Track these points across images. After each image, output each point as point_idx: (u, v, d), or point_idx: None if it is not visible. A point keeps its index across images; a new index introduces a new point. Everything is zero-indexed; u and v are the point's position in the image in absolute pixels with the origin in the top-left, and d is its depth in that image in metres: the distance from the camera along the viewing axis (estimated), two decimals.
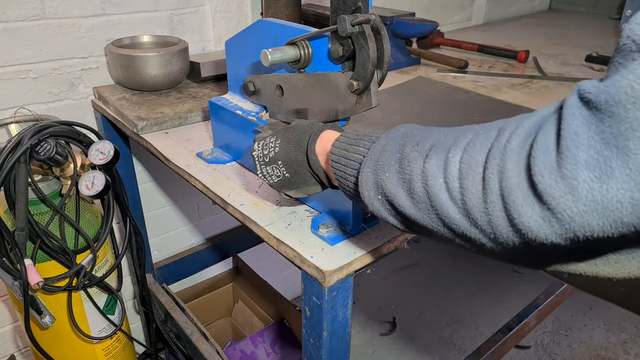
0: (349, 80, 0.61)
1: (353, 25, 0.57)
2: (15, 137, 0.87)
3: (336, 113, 0.66)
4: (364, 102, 0.62)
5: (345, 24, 0.57)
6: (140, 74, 1.12)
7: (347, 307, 0.65)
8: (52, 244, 0.97)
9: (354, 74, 0.60)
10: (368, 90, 0.61)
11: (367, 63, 0.58)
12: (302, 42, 0.66)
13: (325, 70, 0.66)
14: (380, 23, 0.58)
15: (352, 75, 0.61)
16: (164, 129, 1.03)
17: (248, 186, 0.80)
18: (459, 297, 2.16)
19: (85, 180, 0.96)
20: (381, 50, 0.59)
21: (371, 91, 0.61)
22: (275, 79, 0.73)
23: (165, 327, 1.43)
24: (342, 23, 0.57)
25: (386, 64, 0.60)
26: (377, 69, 0.60)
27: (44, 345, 1.05)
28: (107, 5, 1.19)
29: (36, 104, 1.17)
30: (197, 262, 1.65)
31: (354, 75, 0.60)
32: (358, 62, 0.60)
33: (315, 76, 0.67)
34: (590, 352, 1.89)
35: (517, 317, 1.53)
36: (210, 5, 1.36)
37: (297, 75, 0.69)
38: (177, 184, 1.54)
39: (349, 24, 0.56)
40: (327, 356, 0.66)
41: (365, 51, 0.58)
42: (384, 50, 0.59)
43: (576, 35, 1.92)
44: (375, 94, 0.61)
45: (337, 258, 0.62)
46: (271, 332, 1.53)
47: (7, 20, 1.08)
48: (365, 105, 0.62)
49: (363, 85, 0.60)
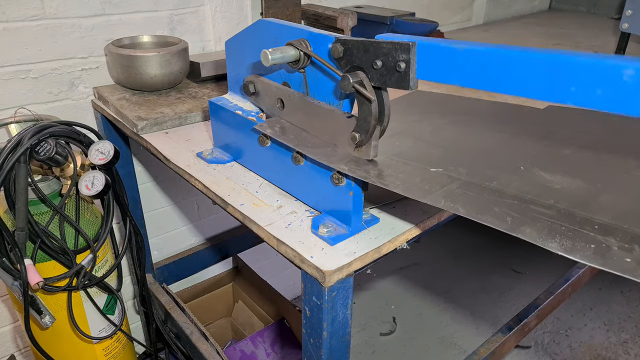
0: (352, 132, 0.62)
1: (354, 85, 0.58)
2: (15, 137, 0.87)
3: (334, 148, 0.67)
4: (363, 152, 0.64)
5: (347, 83, 0.58)
6: (140, 74, 1.12)
7: (347, 307, 0.65)
8: (52, 244, 0.97)
9: (357, 126, 0.62)
10: (368, 144, 0.63)
11: (368, 117, 0.60)
12: (302, 42, 0.66)
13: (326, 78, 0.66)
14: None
15: (355, 127, 0.62)
16: (164, 129, 1.03)
17: (248, 186, 0.80)
18: (459, 297, 2.16)
19: (85, 180, 0.95)
20: (382, 106, 0.60)
21: (371, 145, 0.63)
22: (277, 91, 0.73)
23: (165, 327, 1.43)
24: (345, 82, 0.58)
25: (387, 117, 0.61)
26: (379, 124, 0.61)
27: (44, 345, 1.05)
28: (107, 5, 1.19)
29: (36, 104, 1.17)
30: (197, 262, 1.65)
31: (357, 128, 0.62)
32: (360, 116, 0.61)
33: (319, 109, 0.67)
34: (590, 352, 1.89)
35: (517, 317, 1.53)
36: (210, 5, 1.36)
37: (301, 99, 0.69)
38: (177, 184, 1.54)
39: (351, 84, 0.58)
40: (327, 356, 0.66)
41: (367, 107, 0.60)
42: (384, 106, 0.60)
43: (576, 35, 1.92)
44: (375, 147, 0.63)
45: (337, 258, 0.62)
46: (271, 332, 1.53)
47: (7, 20, 1.08)
48: (363, 154, 0.64)
49: (365, 138, 0.62)
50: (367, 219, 0.70)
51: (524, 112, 0.86)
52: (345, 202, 0.66)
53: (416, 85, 0.56)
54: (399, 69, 0.55)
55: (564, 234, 0.49)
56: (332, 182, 0.66)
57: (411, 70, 0.55)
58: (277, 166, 0.77)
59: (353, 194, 0.64)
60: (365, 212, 0.70)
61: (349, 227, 0.67)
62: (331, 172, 0.66)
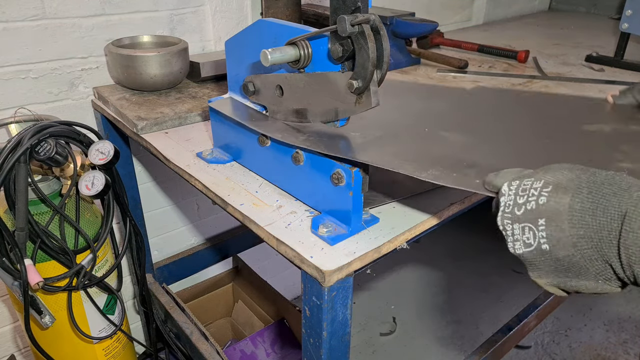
0: (349, 80, 0.61)
1: (352, 25, 0.57)
2: (15, 137, 0.87)
3: (336, 113, 0.66)
4: (363, 102, 0.62)
5: (344, 24, 0.57)
6: (140, 74, 1.12)
7: (347, 307, 0.65)
8: (52, 244, 0.97)
9: (354, 74, 0.60)
10: (368, 90, 0.61)
11: (366, 63, 0.58)
12: (302, 42, 0.66)
13: (325, 70, 0.66)
14: (379, 23, 0.58)
15: (351, 75, 0.61)
16: (163, 129, 1.03)
17: (248, 186, 0.80)
18: (459, 297, 2.16)
19: (85, 180, 0.96)
20: (381, 50, 0.59)
21: (371, 91, 0.61)
22: (275, 79, 0.73)
23: (165, 327, 1.43)
24: (342, 23, 0.57)
25: (386, 63, 0.60)
26: (377, 68, 0.60)
27: (44, 345, 1.05)
28: (107, 5, 1.20)
29: (36, 104, 1.17)
30: (197, 262, 1.65)
31: (354, 75, 0.60)
32: (358, 62, 0.60)
33: (315, 76, 0.67)
34: (590, 352, 1.89)
35: (517, 317, 1.53)
36: (210, 5, 1.36)
37: (297, 76, 0.69)
38: (177, 184, 1.54)
39: (348, 24, 0.56)
40: (327, 356, 0.66)
41: (364, 51, 0.58)
42: (384, 50, 0.59)
43: (576, 35, 1.92)
44: (375, 93, 0.61)
45: (337, 258, 0.62)
46: (271, 332, 1.53)
47: (7, 20, 1.08)
48: (365, 105, 0.62)
49: (363, 85, 0.60)
50: (367, 219, 0.70)
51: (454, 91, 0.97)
52: (345, 202, 0.66)
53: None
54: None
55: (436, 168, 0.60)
56: (331, 182, 0.66)
57: None
58: (276, 166, 0.77)
59: (353, 194, 0.64)
60: (365, 212, 0.70)
61: (348, 227, 0.67)
62: (331, 172, 0.66)
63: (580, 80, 1.33)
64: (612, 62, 1.48)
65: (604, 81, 1.33)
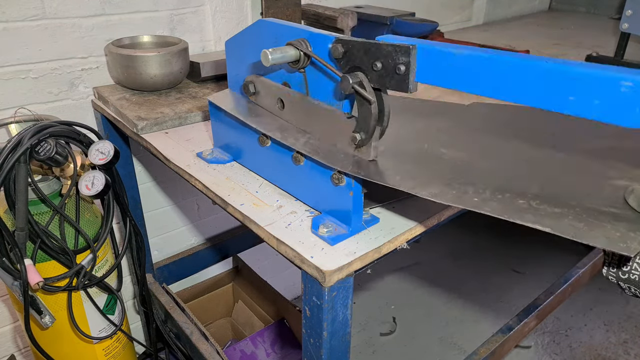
0: (352, 133, 0.62)
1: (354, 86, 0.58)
2: (15, 137, 0.87)
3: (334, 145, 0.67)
4: (363, 152, 0.64)
5: (347, 84, 0.58)
6: (140, 74, 1.12)
7: (347, 307, 0.65)
8: (52, 244, 0.97)
9: (357, 127, 0.62)
10: (369, 145, 0.63)
11: (368, 119, 0.60)
12: (302, 42, 0.66)
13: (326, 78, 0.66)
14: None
15: (355, 128, 0.62)
16: (164, 129, 1.03)
17: (248, 186, 0.80)
18: (459, 297, 2.16)
19: (85, 180, 0.95)
20: (382, 107, 0.60)
21: (371, 146, 0.63)
22: (277, 92, 0.73)
23: (165, 327, 1.43)
24: (345, 82, 0.58)
25: (387, 116, 0.61)
26: (379, 125, 0.61)
27: (44, 345, 1.05)
28: (107, 5, 1.19)
29: (36, 104, 1.17)
30: (197, 262, 1.65)
31: (357, 128, 0.62)
32: (360, 116, 0.61)
33: (319, 109, 0.67)
34: (590, 352, 1.89)
35: (517, 317, 1.53)
36: (210, 5, 1.36)
37: (301, 99, 0.69)
38: (177, 184, 1.54)
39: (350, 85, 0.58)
40: (327, 356, 0.66)
41: (366, 107, 0.60)
42: (384, 106, 0.60)
43: (576, 35, 1.92)
44: (375, 148, 0.63)
45: (337, 258, 0.62)
46: (271, 332, 1.53)
47: (7, 20, 1.08)
48: (364, 155, 0.64)
49: (365, 139, 0.62)
50: (367, 219, 0.70)
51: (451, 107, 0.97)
52: (345, 202, 0.66)
53: (415, 88, 0.56)
54: (399, 71, 0.55)
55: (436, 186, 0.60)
56: (332, 182, 0.66)
57: (411, 73, 0.55)
58: (277, 166, 0.77)
59: (353, 194, 0.64)
60: (365, 212, 0.70)
61: (349, 227, 0.67)
62: (331, 172, 0.66)
63: None
64: (612, 62, 1.48)
65: None
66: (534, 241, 2.54)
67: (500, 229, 2.61)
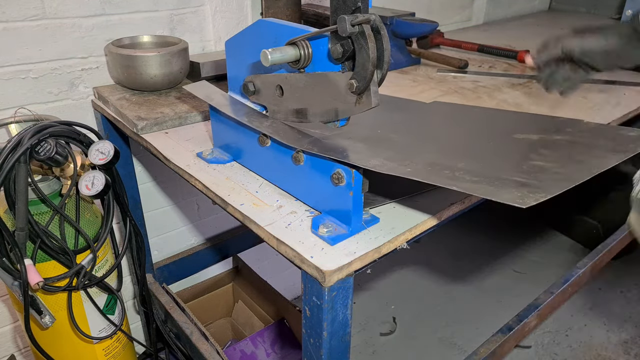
0: (349, 80, 0.61)
1: (353, 25, 0.57)
2: (15, 137, 0.87)
3: (336, 113, 0.66)
4: (363, 102, 0.62)
5: (345, 24, 0.56)
6: (140, 74, 1.12)
7: (347, 307, 0.65)
8: (52, 244, 0.97)
9: (354, 74, 0.60)
10: (368, 90, 0.61)
11: (367, 63, 0.58)
12: (302, 42, 0.66)
13: (325, 70, 0.66)
14: (380, 23, 0.58)
15: (352, 75, 0.60)
16: (164, 129, 1.03)
17: (248, 186, 0.80)
18: (459, 297, 2.16)
19: (85, 180, 0.96)
20: (381, 50, 0.59)
21: (371, 91, 0.61)
22: (275, 79, 0.73)
23: (165, 327, 1.43)
24: (342, 23, 0.57)
25: (386, 63, 0.60)
26: (377, 69, 0.60)
27: (44, 345, 1.05)
28: (107, 5, 1.19)
29: (36, 104, 1.17)
30: (197, 262, 1.65)
31: (354, 75, 0.60)
32: (358, 62, 0.59)
33: (315, 76, 0.67)
34: (590, 352, 1.89)
35: (517, 317, 1.53)
36: (210, 5, 1.36)
37: (297, 76, 0.69)
38: (177, 184, 1.54)
39: (348, 24, 0.56)
40: (327, 356, 0.66)
41: (365, 51, 0.58)
42: (384, 50, 0.59)
43: None
44: (375, 94, 0.61)
45: (337, 258, 0.62)
46: (271, 332, 1.53)
47: (7, 20, 1.08)
48: (365, 105, 0.62)
49: (363, 85, 0.60)
50: (367, 219, 0.70)
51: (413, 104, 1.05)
52: (345, 202, 0.66)
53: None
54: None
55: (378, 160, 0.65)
56: (332, 182, 0.66)
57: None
58: (277, 166, 0.77)
59: (353, 194, 0.64)
60: (365, 212, 0.70)
61: (349, 227, 0.67)
62: (331, 171, 0.66)
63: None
64: None
65: (603, 81, 1.33)
66: (534, 241, 2.54)
67: (500, 230, 2.61)
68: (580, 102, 1.17)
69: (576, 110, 1.12)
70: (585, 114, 1.10)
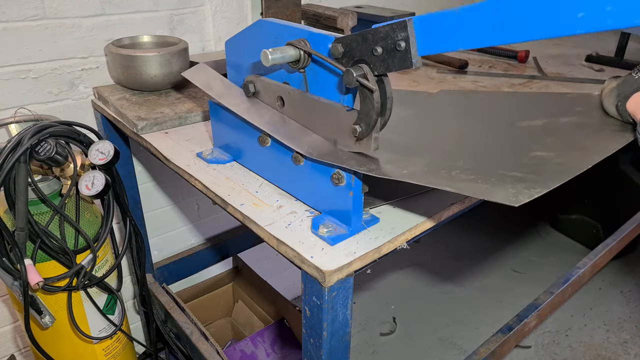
0: (352, 125, 0.62)
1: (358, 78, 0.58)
2: (15, 137, 0.87)
3: (334, 141, 0.67)
4: (363, 144, 0.63)
5: (351, 76, 0.57)
6: (140, 74, 1.12)
7: (347, 307, 0.65)
8: (52, 244, 0.97)
9: (358, 119, 0.61)
10: (369, 136, 0.62)
11: (371, 112, 0.59)
12: (302, 42, 0.66)
13: (325, 74, 0.66)
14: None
15: (356, 120, 0.61)
16: (164, 129, 1.03)
17: (248, 186, 0.80)
18: (459, 297, 2.16)
19: (85, 180, 0.96)
20: (384, 98, 0.60)
21: (372, 137, 0.62)
22: (277, 89, 0.73)
23: (165, 327, 1.43)
24: (349, 75, 0.57)
25: (389, 110, 0.61)
26: (380, 116, 0.61)
27: (44, 345, 1.05)
28: (107, 5, 1.19)
29: (36, 104, 1.17)
30: (197, 262, 1.65)
31: (358, 120, 0.61)
32: (362, 110, 0.60)
33: (319, 104, 0.67)
34: (590, 352, 1.89)
35: (517, 317, 1.53)
36: (210, 5, 1.36)
37: (301, 94, 0.69)
38: (177, 184, 1.54)
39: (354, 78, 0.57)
40: (327, 356, 0.66)
41: (369, 101, 0.59)
42: (387, 98, 0.60)
43: (576, 35, 1.92)
44: (376, 140, 0.62)
45: (337, 258, 0.62)
46: (271, 332, 1.53)
47: (7, 20, 1.08)
48: (364, 147, 0.63)
49: (366, 132, 0.61)
50: (367, 219, 0.70)
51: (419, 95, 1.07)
52: (345, 202, 0.66)
53: (420, 63, 0.55)
54: (399, 47, 0.54)
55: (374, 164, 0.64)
56: (332, 182, 0.66)
57: (412, 47, 0.54)
58: (277, 166, 0.77)
59: (353, 194, 0.64)
60: (365, 212, 0.70)
61: (349, 227, 0.67)
62: (331, 172, 0.66)
63: (580, 80, 1.33)
64: (612, 62, 1.48)
65: (604, 81, 1.33)
66: (534, 241, 2.54)
67: (500, 229, 2.61)
68: None
69: None
70: None
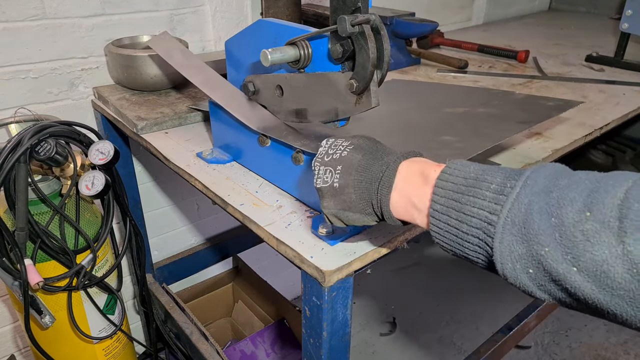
0: (349, 80, 0.60)
1: (353, 26, 0.57)
2: (15, 137, 0.87)
3: (336, 113, 0.66)
4: (363, 102, 0.62)
5: (345, 24, 0.56)
6: (140, 74, 1.12)
7: (347, 307, 0.65)
8: (52, 244, 0.97)
9: (354, 74, 0.60)
10: (368, 91, 0.61)
11: (366, 63, 0.58)
12: (302, 42, 0.66)
13: (325, 71, 0.66)
14: (380, 23, 0.58)
15: (352, 76, 0.60)
16: (163, 129, 1.03)
17: (248, 186, 0.80)
18: (459, 297, 2.16)
19: (85, 180, 0.96)
20: (381, 51, 0.59)
21: (371, 91, 0.61)
22: (275, 79, 0.73)
23: (165, 327, 1.43)
24: (342, 23, 0.57)
25: (386, 63, 0.60)
26: (377, 69, 0.59)
27: (44, 345, 1.05)
28: (107, 5, 1.19)
29: (36, 104, 1.17)
30: (197, 262, 1.65)
31: (354, 76, 0.60)
32: (358, 63, 0.59)
33: (315, 76, 0.67)
34: (590, 352, 1.89)
35: (517, 317, 1.53)
36: (210, 5, 1.36)
37: (297, 76, 0.69)
38: (177, 184, 1.54)
39: (348, 24, 0.56)
40: (327, 356, 0.66)
41: (365, 51, 0.58)
42: (384, 50, 0.59)
43: (576, 35, 1.92)
44: (375, 93, 0.61)
45: (337, 258, 0.62)
46: (271, 332, 1.53)
47: (7, 20, 1.08)
48: (365, 105, 0.62)
49: (363, 85, 0.60)
50: None
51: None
52: None
53: None
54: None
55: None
56: None
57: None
58: (277, 166, 0.77)
59: None
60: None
61: (348, 227, 0.67)
62: None
63: (580, 80, 1.33)
64: (612, 62, 1.48)
65: (604, 81, 1.33)
66: None
67: None
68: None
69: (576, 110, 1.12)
70: (585, 113, 1.10)
